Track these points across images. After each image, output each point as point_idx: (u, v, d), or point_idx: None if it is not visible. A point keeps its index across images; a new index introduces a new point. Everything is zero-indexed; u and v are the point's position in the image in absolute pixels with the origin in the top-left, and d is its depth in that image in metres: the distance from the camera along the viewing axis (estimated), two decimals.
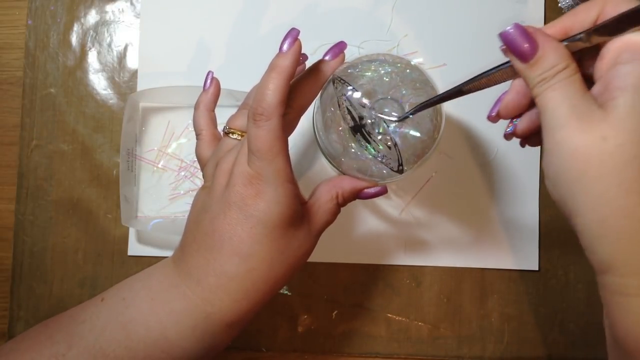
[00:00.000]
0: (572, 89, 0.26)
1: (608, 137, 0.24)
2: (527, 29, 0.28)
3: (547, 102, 0.27)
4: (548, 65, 0.27)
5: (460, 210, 0.47)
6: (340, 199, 0.35)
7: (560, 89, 0.26)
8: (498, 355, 0.47)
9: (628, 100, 0.24)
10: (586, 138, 0.25)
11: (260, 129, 0.30)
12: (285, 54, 0.31)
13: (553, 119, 0.26)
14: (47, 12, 0.49)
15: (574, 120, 0.25)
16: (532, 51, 0.27)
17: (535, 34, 0.27)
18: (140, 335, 0.32)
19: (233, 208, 0.32)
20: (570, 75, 0.26)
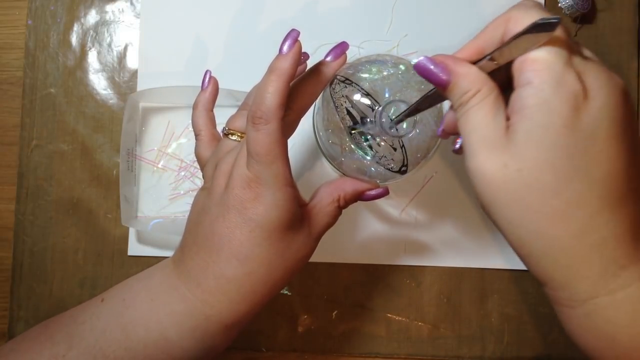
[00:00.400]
0: (482, 115, 0.26)
1: (508, 164, 0.25)
2: (436, 59, 0.28)
3: (462, 129, 0.27)
4: (461, 92, 0.27)
5: (460, 210, 0.47)
6: (341, 201, 0.35)
7: (471, 116, 0.27)
8: (498, 355, 0.47)
9: (524, 126, 0.25)
10: (491, 166, 0.26)
11: (259, 132, 0.30)
12: (285, 56, 0.30)
13: (466, 146, 0.27)
14: (47, 12, 0.49)
15: (483, 149, 0.26)
16: (446, 79, 0.28)
17: (445, 62, 0.28)
18: (140, 336, 0.32)
19: (232, 211, 0.31)
20: (481, 100, 0.27)
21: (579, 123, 0.25)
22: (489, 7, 0.48)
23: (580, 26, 0.48)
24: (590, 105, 0.25)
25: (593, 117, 0.25)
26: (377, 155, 0.35)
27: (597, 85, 0.25)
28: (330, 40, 0.48)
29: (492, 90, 0.27)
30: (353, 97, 0.35)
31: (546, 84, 0.25)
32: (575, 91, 0.25)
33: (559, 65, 0.25)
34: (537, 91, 0.25)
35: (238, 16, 0.48)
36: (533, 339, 0.47)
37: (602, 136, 0.25)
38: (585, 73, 0.25)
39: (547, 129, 0.25)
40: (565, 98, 0.25)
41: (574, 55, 0.26)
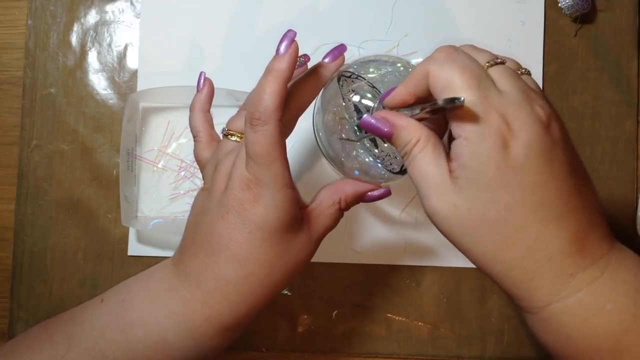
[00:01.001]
0: (426, 163, 0.30)
1: (457, 205, 0.29)
2: (378, 115, 0.31)
3: (411, 176, 0.31)
4: (403, 142, 0.30)
5: None
6: (343, 203, 0.35)
7: (417, 165, 0.30)
8: (498, 355, 0.47)
9: (463, 173, 0.28)
10: (443, 207, 0.29)
11: (258, 133, 0.30)
12: (282, 57, 0.30)
13: (418, 190, 0.30)
14: (47, 12, 0.49)
15: (433, 192, 0.29)
16: (389, 132, 0.31)
17: (386, 117, 0.31)
18: (140, 337, 0.32)
19: (231, 212, 0.31)
20: (422, 149, 0.30)
21: (509, 162, 0.28)
22: (488, 7, 0.48)
23: (580, 26, 0.48)
24: (515, 143, 0.27)
25: (519, 153, 0.28)
26: (381, 155, 0.35)
27: (519, 124, 0.28)
28: (330, 40, 0.48)
29: (429, 137, 0.30)
30: (358, 93, 0.35)
31: (472, 135, 0.28)
32: (500, 134, 0.27)
33: (477, 117, 0.28)
34: (467, 142, 0.28)
35: (238, 16, 0.48)
36: (533, 339, 0.47)
37: (531, 168, 0.28)
38: (507, 112, 0.28)
39: (481, 173, 0.28)
40: (491, 145, 0.27)
41: (491, 96, 0.28)
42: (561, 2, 0.47)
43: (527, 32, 0.48)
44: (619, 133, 0.48)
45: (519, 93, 0.29)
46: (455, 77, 0.28)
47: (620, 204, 0.48)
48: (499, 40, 0.48)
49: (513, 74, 0.30)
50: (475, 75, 0.28)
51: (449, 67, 0.29)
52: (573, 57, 0.48)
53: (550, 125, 0.28)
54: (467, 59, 0.30)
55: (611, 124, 0.48)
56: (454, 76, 0.28)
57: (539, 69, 0.48)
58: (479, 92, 0.28)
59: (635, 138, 0.48)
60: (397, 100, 0.32)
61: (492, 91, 0.28)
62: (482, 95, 0.28)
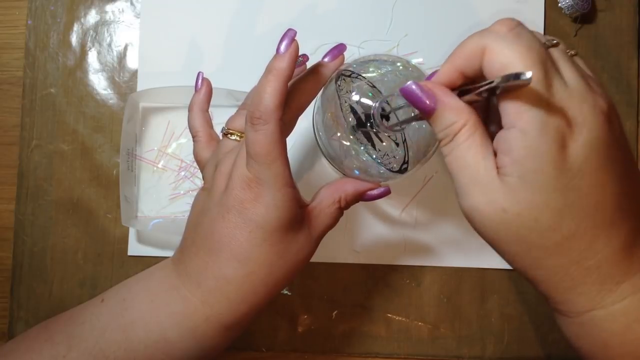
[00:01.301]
0: (472, 154, 0.27)
1: (507, 209, 0.26)
2: (424, 86, 0.27)
3: (451, 167, 0.28)
4: (446, 123, 0.27)
5: (460, 210, 0.47)
6: (342, 202, 0.35)
7: (461, 155, 0.27)
8: (498, 355, 0.47)
9: (515, 171, 0.26)
10: (490, 209, 0.27)
11: (258, 133, 0.30)
12: (282, 56, 0.30)
13: (458, 186, 0.28)
14: (47, 12, 0.49)
15: (477, 190, 0.27)
16: (432, 107, 0.27)
17: (433, 89, 0.27)
18: (140, 336, 0.32)
19: (232, 212, 0.31)
20: (469, 137, 0.27)
21: (567, 161, 0.25)
22: (488, 7, 0.48)
23: (580, 26, 0.48)
24: (576, 141, 0.25)
25: (579, 153, 0.25)
26: (379, 154, 0.35)
27: (582, 119, 0.25)
28: (330, 40, 0.48)
29: (477, 126, 0.27)
30: (357, 93, 0.35)
31: (530, 126, 0.25)
32: (560, 130, 0.25)
33: (541, 105, 0.25)
34: (523, 135, 0.25)
35: (238, 16, 0.48)
36: (533, 339, 0.47)
37: (590, 170, 0.26)
38: (569, 106, 0.25)
39: (538, 173, 0.25)
40: (551, 139, 0.25)
41: (555, 86, 0.25)
42: (561, 2, 0.47)
43: None
44: None
45: (581, 83, 0.26)
46: (519, 57, 0.25)
47: None
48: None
49: (570, 59, 0.28)
50: (542, 59, 0.25)
51: (512, 44, 0.25)
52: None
53: (612, 119, 0.26)
54: (533, 38, 0.26)
55: None
56: (517, 56, 0.25)
57: None
58: (543, 79, 0.25)
59: (635, 138, 0.48)
60: (446, 80, 0.28)
61: (557, 80, 0.25)
62: (547, 82, 0.25)
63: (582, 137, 0.25)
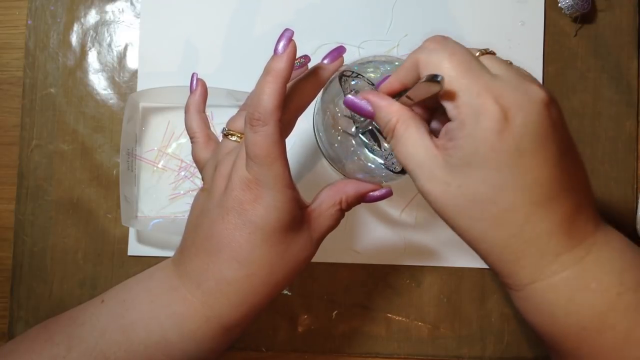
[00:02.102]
0: (411, 144, 0.30)
1: (449, 183, 0.29)
2: (361, 95, 0.32)
3: (400, 160, 0.31)
4: (384, 121, 0.31)
5: None
6: (344, 204, 0.35)
7: (403, 147, 0.30)
8: (498, 355, 0.47)
9: (457, 153, 0.28)
10: (435, 186, 0.30)
11: (258, 134, 0.30)
12: (280, 57, 0.30)
13: (410, 174, 0.31)
14: (47, 12, 0.49)
15: (424, 172, 0.30)
16: (371, 111, 0.32)
17: (368, 97, 0.32)
18: (141, 337, 0.32)
19: (231, 213, 0.31)
20: (405, 130, 0.30)
21: (503, 143, 0.27)
22: (488, 7, 0.48)
23: (580, 26, 0.48)
24: (511, 125, 0.27)
25: (515, 135, 0.27)
26: (383, 154, 0.35)
27: (514, 105, 0.27)
28: (330, 40, 0.48)
29: (411, 118, 0.31)
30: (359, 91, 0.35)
31: (467, 118, 0.28)
32: (494, 117, 0.27)
33: (472, 99, 0.28)
34: (461, 125, 0.28)
35: (238, 16, 0.48)
36: (533, 339, 0.47)
37: (525, 149, 0.27)
38: (502, 95, 0.27)
39: (476, 154, 0.28)
40: (486, 126, 0.27)
41: (484, 79, 0.28)
42: (561, 2, 0.47)
43: (527, 32, 0.48)
44: (619, 133, 0.48)
45: (513, 75, 0.29)
46: (445, 62, 0.28)
47: (620, 204, 0.48)
48: (499, 40, 0.48)
49: (504, 61, 0.30)
50: (465, 59, 0.28)
51: (438, 53, 0.29)
52: (573, 57, 0.48)
53: (549, 105, 0.28)
54: (457, 45, 0.30)
55: (611, 124, 0.48)
56: (443, 61, 0.28)
57: (539, 69, 0.48)
58: (470, 74, 0.28)
59: (635, 138, 0.48)
60: (387, 89, 0.33)
61: (484, 73, 0.28)
62: (474, 77, 0.28)
63: (517, 121, 0.27)
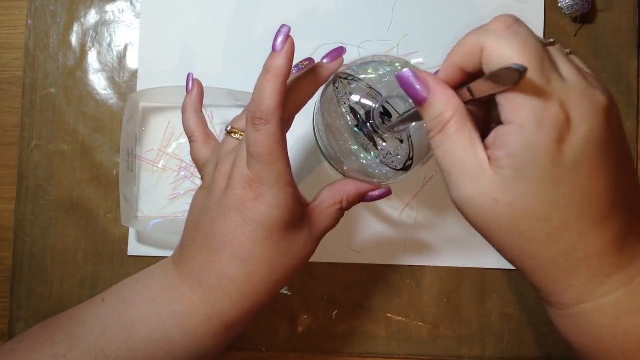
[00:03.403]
0: (462, 147, 0.27)
1: (499, 200, 0.26)
2: (419, 74, 0.28)
3: (442, 160, 0.28)
4: (435, 113, 0.27)
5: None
6: (344, 203, 0.35)
7: (451, 147, 0.27)
8: (498, 355, 0.47)
9: (510, 163, 0.26)
10: (482, 200, 0.27)
11: (260, 133, 0.30)
12: (279, 54, 0.30)
13: (449, 178, 0.28)
14: (47, 12, 0.49)
15: (468, 182, 0.27)
16: (424, 95, 0.28)
17: (427, 79, 0.28)
18: (142, 336, 0.32)
19: (233, 211, 0.32)
20: (458, 129, 0.27)
21: (564, 156, 0.25)
22: (488, 7, 0.48)
23: (580, 26, 0.48)
24: (574, 135, 0.25)
25: (577, 148, 0.25)
26: (381, 154, 0.35)
27: (580, 115, 0.25)
28: (330, 40, 0.48)
29: (467, 118, 0.27)
30: (356, 94, 0.35)
31: (528, 122, 0.25)
32: (558, 125, 0.25)
33: (538, 100, 0.25)
34: (520, 130, 0.25)
35: (238, 16, 0.48)
36: (533, 339, 0.47)
37: (585, 164, 0.26)
38: (567, 101, 0.25)
39: (533, 166, 0.25)
40: (548, 134, 0.25)
41: (553, 81, 0.25)
42: (561, 2, 0.47)
43: None
44: None
45: (579, 79, 0.26)
46: (517, 54, 0.25)
47: None
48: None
49: (567, 56, 0.28)
50: (539, 55, 0.25)
51: (509, 41, 0.25)
52: None
53: (611, 114, 0.26)
54: (529, 34, 0.26)
55: None
56: (514, 53, 0.25)
57: None
58: (540, 74, 0.25)
59: (635, 138, 0.48)
60: (444, 77, 0.29)
61: (554, 75, 0.25)
62: (544, 77, 0.25)
63: (580, 132, 0.25)
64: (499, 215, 0.27)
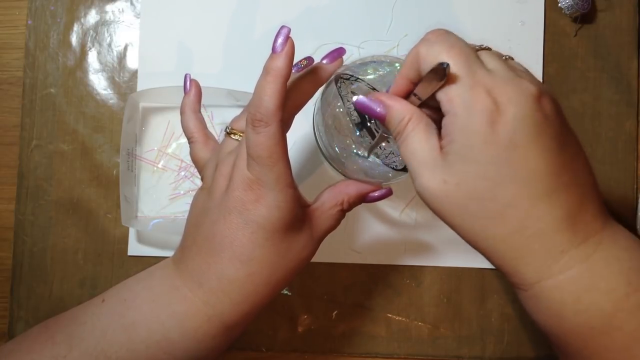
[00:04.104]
0: (417, 140, 0.30)
1: (447, 180, 0.29)
2: (372, 96, 0.32)
3: (403, 155, 0.31)
4: (395, 121, 0.31)
5: None
6: (345, 205, 0.35)
7: (409, 143, 0.30)
8: (498, 355, 0.47)
9: (452, 148, 0.28)
10: (434, 184, 0.29)
11: (260, 135, 0.30)
12: (279, 55, 0.30)
13: (410, 169, 0.30)
14: (47, 12, 0.49)
15: (424, 170, 0.29)
16: (382, 113, 0.31)
17: (380, 97, 0.31)
18: (143, 336, 0.32)
19: (233, 213, 0.32)
20: (414, 127, 0.30)
21: (496, 136, 0.27)
22: (488, 7, 0.48)
23: (580, 26, 0.48)
24: (502, 118, 0.27)
25: (508, 128, 0.27)
26: (383, 153, 0.35)
27: (506, 99, 0.27)
28: (330, 40, 0.48)
29: (421, 117, 0.30)
30: (356, 94, 0.35)
31: (459, 110, 0.28)
32: (486, 109, 0.27)
33: (465, 90, 0.28)
34: (455, 117, 0.28)
35: (238, 16, 0.48)
36: (533, 339, 0.47)
37: (519, 142, 0.27)
38: (494, 89, 0.28)
39: (470, 147, 0.28)
40: (478, 119, 0.27)
41: (478, 72, 0.28)
42: (561, 2, 0.47)
43: (527, 32, 0.48)
44: (619, 133, 0.48)
45: (506, 70, 0.29)
46: (443, 54, 0.28)
47: (620, 204, 0.48)
48: (499, 40, 0.48)
49: (500, 56, 0.31)
50: (464, 52, 0.28)
51: (438, 45, 0.29)
52: (573, 57, 0.48)
53: (541, 99, 0.28)
54: (456, 39, 0.30)
55: (611, 124, 0.48)
56: (441, 53, 0.28)
57: (539, 69, 0.48)
58: (466, 67, 0.28)
59: (635, 138, 0.48)
60: (396, 90, 0.32)
61: (480, 68, 0.28)
62: (470, 70, 0.28)
63: (508, 114, 0.27)
64: (449, 197, 0.29)
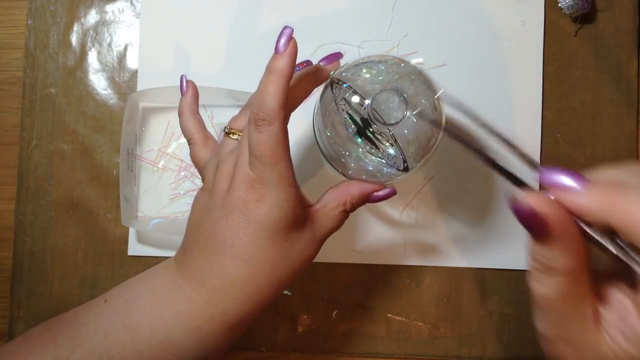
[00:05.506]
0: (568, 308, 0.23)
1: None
2: (538, 212, 0.22)
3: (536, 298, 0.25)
4: (552, 256, 0.23)
5: (460, 210, 0.47)
6: (348, 205, 0.35)
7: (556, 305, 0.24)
8: (498, 355, 0.47)
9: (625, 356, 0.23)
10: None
11: (263, 134, 0.30)
12: (282, 55, 0.30)
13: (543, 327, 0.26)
14: (47, 12, 0.49)
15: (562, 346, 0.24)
16: (544, 237, 0.23)
17: (549, 218, 0.22)
18: (146, 336, 0.32)
19: (235, 212, 0.31)
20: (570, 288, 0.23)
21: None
22: (488, 7, 0.48)
23: (580, 26, 0.48)
24: None
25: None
26: (382, 155, 0.35)
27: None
28: (330, 40, 0.48)
29: (584, 275, 0.23)
30: (352, 99, 0.35)
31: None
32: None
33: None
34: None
35: (238, 16, 0.48)
36: (533, 339, 0.47)
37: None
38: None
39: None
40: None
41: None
42: (561, 2, 0.47)
43: (527, 32, 0.48)
44: (619, 133, 0.48)
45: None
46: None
47: None
48: (499, 40, 0.48)
49: None
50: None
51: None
52: (573, 57, 0.48)
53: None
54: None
55: (611, 124, 0.48)
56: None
57: (539, 69, 0.48)
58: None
59: (635, 138, 0.48)
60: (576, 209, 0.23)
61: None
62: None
63: None
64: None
